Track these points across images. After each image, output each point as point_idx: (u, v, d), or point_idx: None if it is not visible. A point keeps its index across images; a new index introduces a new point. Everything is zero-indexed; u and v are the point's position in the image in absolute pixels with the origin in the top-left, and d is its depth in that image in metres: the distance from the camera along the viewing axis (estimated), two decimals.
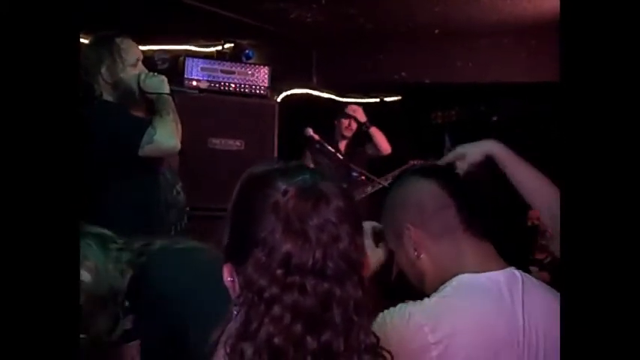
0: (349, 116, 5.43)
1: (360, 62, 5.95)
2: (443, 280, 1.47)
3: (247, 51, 4.79)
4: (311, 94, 6.11)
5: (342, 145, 5.44)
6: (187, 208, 3.43)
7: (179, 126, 3.10)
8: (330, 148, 5.10)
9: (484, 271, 1.46)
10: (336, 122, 5.50)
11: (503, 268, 1.49)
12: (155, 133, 2.96)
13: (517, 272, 1.49)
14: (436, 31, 5.45)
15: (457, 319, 1.36)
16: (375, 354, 1.03)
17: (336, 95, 6.24)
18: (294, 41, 5.82)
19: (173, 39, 5.04)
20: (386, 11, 5.03)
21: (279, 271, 0.99)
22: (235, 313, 1.04)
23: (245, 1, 4.87)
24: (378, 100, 6.36)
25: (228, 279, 1.07)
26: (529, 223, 4.99)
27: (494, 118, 6.37)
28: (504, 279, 1.45)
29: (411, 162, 5.00)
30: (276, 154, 4.66)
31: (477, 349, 1.36)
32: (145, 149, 2.95)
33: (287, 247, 0.99)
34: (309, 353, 0.97)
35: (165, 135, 3.00)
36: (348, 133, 5.44)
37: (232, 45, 4.89)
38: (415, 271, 1.55)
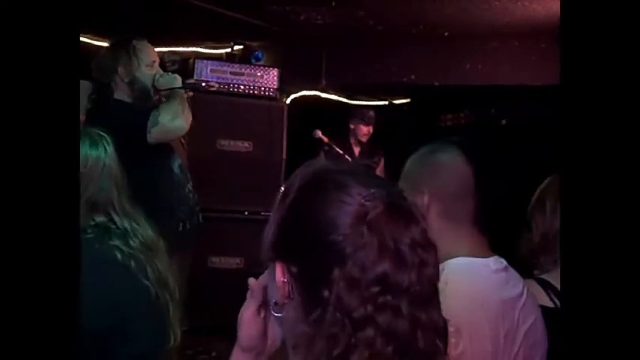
0: (367, 122, 5.41)
1: (369, 64, 5.95)
2: None
3: (257, 53, 4.80)
4: (320, 96, 6.10)
5: (357, 150, 5.43)
6: (198, 208, 3.45)
7: (187, 112, 3.16)
8: (338, 150, 5.10)
9: (475, 256, 1.54)
10: (352, 126, 5.48)
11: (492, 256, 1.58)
12: (159, 114, 3.06)
13: (503, 260, 1.58)
14: (446, 33, 5.44)
15: (463, 304, 1.38)
16: None
17: (345, 97, 6.24)
18: (304, 43, 5.82)
19: (182, 41, 5.04)
20: (395, 13, 5.02)
21: (374, 289, 0.92)
22: (278, 314, 1.01)
23: (254, 2, 4.88)
24: (386, 102, 6.35)
25: (282, 279, 0.99)
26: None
27: (504, 122, 6.35)
28: (493, 262, 1.55)
29: None
30: (284, 156, 4.67)
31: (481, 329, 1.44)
32: (152, 133, 3.04)
33: (384, 266, 0.93)
34: None
35: (170, 116, 3.09)
36: (364, 139, 5.43)
37: (242, 47, 4.90)
38: None
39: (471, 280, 1.49)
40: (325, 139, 5.08)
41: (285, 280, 0.99)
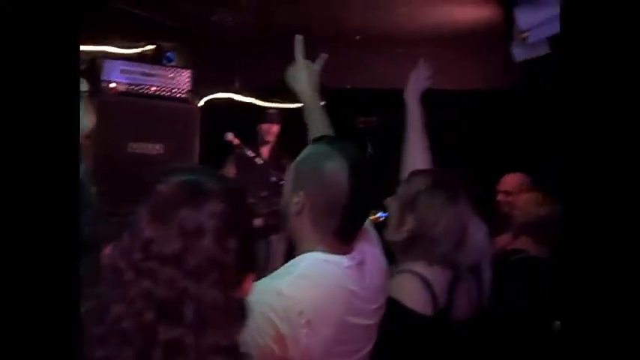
0: (269, 120, 5.40)
1: (282, 67, 5.94)
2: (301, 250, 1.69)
3: (168, 53, 4.71)
4: (233, 99, 6.05)
5: (265, 150, 5.40)
6: (104, 213, 3.34)
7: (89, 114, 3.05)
8: (249, 152, 5.06)
9: (331, 253, 1.66)
10: (258, 127, 5.46)
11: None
12: None
13: (357, 256, 1.70)
14: (357, 37, 5.50)
15: (316, 297, 1.55)
16: (229, 355, 1.04)
17: (258, 100, 6.20)
18: (217, 44, 5.76)
19: (91, 39, 4.89)
20: (309, 17, 5.04)
21: (137, 255, 1.01)
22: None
23: (167, 2, 4.79)
24: (300, 104, 6.35)
25: None
26: None
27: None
28: (347, 259, 1.67)
29: None
30: (197, 159, 4.60)
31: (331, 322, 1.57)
32: None
33: (149, 233, 1.02)
34: (158, 344, 0.98)
35: None
36: (270, 138, 5.40)
37: (154, 47, 4.79)
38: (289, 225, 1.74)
39: (323, 274, 1.61)
40: (236, 142, 5.03)
41: None
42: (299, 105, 2.41)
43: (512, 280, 3.14)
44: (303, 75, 2.30)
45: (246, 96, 6.12)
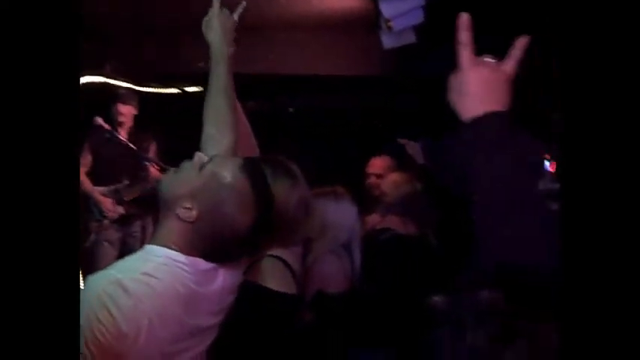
0: (121, 100, 5.20)
1: (161, 52, 5.90)
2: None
3: None
4: (109, 83, 5.93)
5: (122, 132, 5.17)
6: None
7: None
8: (120, 137, 4.94)
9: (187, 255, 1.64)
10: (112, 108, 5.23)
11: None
12: None
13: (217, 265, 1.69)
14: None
15: (160, 298, 1.52)
16: None
17: (135, 85, 6.12)
18: (91, 28, 5.65)
19: None
20: (183, 1, 5.03)
21: None
22: None
23: None
24: (179, 90, 6.32)
25: None
26: None
27: (291, 110, 6.60)
28: (203, 262, 1.66)
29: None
30: None
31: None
32: None
33: None
34: None
35: None
36: (122, 119, 5.18)
37: None
38: None
39: (171, 275, 1.58)
40: (106, 127, 4.90)
41: None
42: (177, 91, 2.39)
43: (380, 257, 3.30)
44: (216, 23, 2.18)
45: (122, 81, 6.03)
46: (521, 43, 1.36)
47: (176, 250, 1.63)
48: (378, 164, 4.22)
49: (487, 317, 0.99)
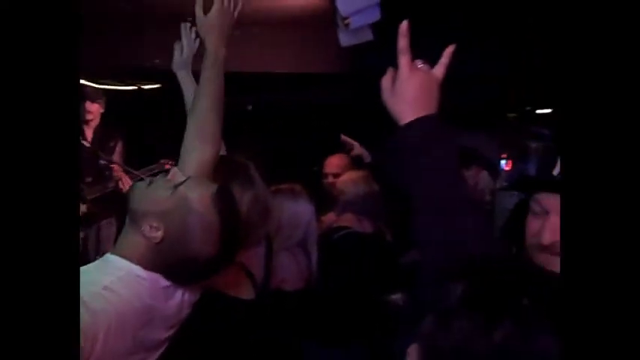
0: (87, 98, 5.11)
1: (115, 47, 5.82)
2: None
3: None
4: None
5: (88, 131, 5.13)
6: None
7: None
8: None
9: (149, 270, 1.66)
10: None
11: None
12: None
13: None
14: (189, 18, 5.49)
15: (117, 313, 1.51)
16: None
17: (92, 82, 6.04)
18: None
19: None
20: None
21: None
22: None
23: None
24: (135, 87, 6.27)
25: None
26: None
27: (249, 107, 6.59)
28: (162, 278, 1.67)
29: (162, 161, 4.99)
30: None
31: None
32: None
33: None
34: None
35: None
36: (89, 117, 5.11)
37: None
38: None
39: (131, 290, 1.59)
40: None
41: None
42: (133, 87, 2.38)
43: (336, 255, 3.33)
44: (217, 21, 2.02)
45: (86, 79, 5.93)
46: (449, 51, 1.45)
47: (137, 265, 1.63)
48: (334, 163, 4.25)
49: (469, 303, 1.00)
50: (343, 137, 4.19)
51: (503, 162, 5.47)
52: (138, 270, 1.63)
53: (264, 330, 2.17)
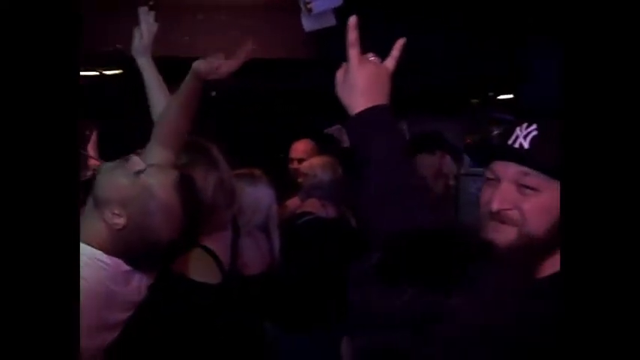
0: None
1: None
2: None
3: None
4: None
5: None
6: None
7: None
8: None
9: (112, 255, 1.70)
10: None
11: None
12: None
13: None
14: (151, 3, 5.45)
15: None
16: None
17: None
18: None
19: None
20: None
21: None
22: None
23: None
24: (97, 73, 6.19)
25: None
26: None
27: (213, 93, 6.55)
28: (123, 263, 1.71)
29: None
30: None
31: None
32: None
33: None
34: None
35: None
36: None
37: None
38: None
39: (93, 273, 1.63)
40: None
41: None
42: (95, 73, 2.36)
43: (299, 240, 3.34)
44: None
45: None
46: (399, 44, 1.50)
47: (100, 250, 1.67)
48: (300, 149, 4.26)
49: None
50: (329, 130, 4.21)
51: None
52: (100, 255, 1.67)
53: (230, 313, 2.19)
